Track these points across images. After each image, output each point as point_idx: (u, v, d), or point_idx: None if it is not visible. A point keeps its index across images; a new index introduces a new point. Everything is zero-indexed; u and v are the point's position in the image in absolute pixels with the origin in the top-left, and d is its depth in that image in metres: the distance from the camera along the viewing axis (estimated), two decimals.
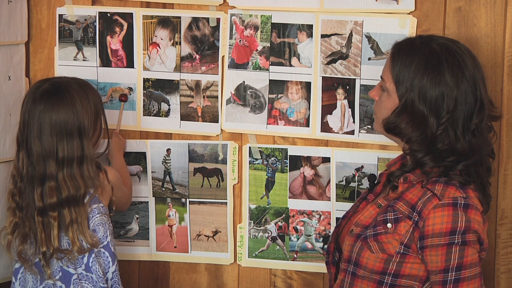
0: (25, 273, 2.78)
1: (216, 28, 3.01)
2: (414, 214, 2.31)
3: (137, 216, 3.15)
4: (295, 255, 3.06)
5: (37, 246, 2.71)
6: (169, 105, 3.08)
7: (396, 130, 2.40)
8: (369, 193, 2.57)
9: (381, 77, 2.47)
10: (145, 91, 3.08)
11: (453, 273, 2.25)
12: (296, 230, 3.05)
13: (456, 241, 2.25)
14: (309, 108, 2.97)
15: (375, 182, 2.61)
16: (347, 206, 2.73)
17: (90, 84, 2.86)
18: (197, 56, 3.04)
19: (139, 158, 3.12)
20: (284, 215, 3.05)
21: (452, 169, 2.34)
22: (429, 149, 2.35)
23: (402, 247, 2.31)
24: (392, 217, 2.35)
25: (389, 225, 2.34)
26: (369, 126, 2.90)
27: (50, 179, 2.68)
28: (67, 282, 2.74)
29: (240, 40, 3.00)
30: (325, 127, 2.97)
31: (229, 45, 3.00)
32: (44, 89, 2.72)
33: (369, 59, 2.89)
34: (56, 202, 2.67)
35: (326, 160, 2.99)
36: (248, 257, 3.11)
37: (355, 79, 2.92)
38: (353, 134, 2.95)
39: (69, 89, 2.72)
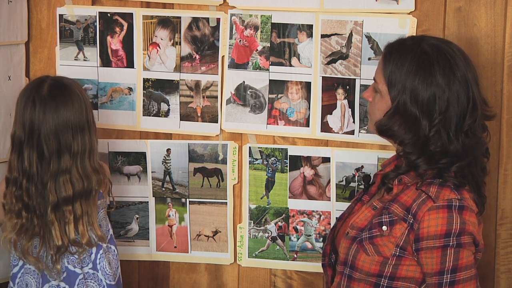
0: (23, 277, 2.75)
1: (216, 28, 3.01)
2: (409, 216, 2.29)
3: (137, 216, 3.16)
4: (295, 255, 3.06)
5: (45, 244, 2.69)
6: (168, 105, 3.07)
7: (389, 132, 2.38)
8: (364, 195, 2.56)
9: (374, 78, 2.45)
10: (145, 91, 3.08)
11: (449, 275, 2.24)
12: (296, 230, 3.05)
13: (451, 243, 2.24)
14: (309, 108, 2.97)
15: (370, 183, 2.60)
16: (347, 206, 2.72)
17: None
18: (197, 56, 3.04)
19: (139, 158, 3.12)
20: (284, 215, 3.05)
21: (446, 170, 2.32)
22: (422, 151, 2.33)
23: (398, 249, 2.30)
24: (387, 219, 2.33)
25: (384, 227, 2.33)
26: None
27: (65, 173, 2.68)
28: (71, 283, 2.74)
29: (240, 40, 2.99)
30: (325, 127, 2.97)
31: (229, 45, 3.00)
32: (50, 87, 2.70)
33: (369, 59, 2.89)
34: (71, 195, 2.67)
35: (326, 160, 2.98)
36: (248, 257, 3.11)
37: (355, 79, 2.91)
38: (353, 134, 2.95)
39: (73, 86, 2.74)
